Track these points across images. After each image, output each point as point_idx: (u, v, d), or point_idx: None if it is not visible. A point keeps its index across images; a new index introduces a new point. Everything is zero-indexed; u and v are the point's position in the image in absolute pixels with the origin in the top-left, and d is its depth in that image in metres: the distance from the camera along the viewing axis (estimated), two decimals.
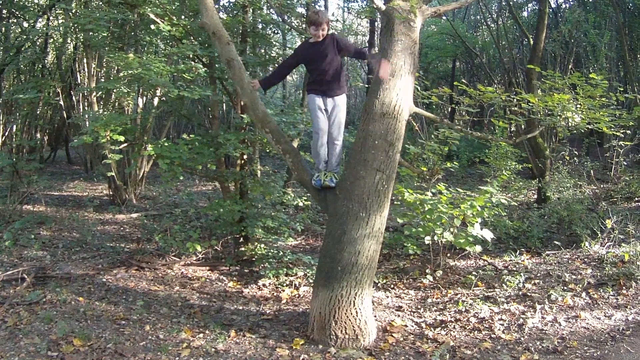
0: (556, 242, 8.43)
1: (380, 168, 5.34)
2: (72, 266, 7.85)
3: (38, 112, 15.56)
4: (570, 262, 7.81)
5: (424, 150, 7.80)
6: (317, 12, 5.83)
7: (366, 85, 17.03)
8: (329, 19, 5.80)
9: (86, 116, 10.69)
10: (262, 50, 9.66)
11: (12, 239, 8.56)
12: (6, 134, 14.30)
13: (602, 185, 12.29)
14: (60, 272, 7.48)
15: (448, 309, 6.44)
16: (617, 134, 7.61)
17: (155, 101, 12.28)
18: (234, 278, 7.76)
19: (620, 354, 5.16)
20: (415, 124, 8.26)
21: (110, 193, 12.47)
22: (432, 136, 8.16)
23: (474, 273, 7.43)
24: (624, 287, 6.69)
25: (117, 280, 7.36)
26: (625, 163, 12.46)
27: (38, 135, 16.74)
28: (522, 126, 10.21)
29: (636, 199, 11.06)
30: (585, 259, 7.82)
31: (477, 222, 7.11)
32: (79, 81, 13.71)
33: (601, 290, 6.68)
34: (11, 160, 11.13)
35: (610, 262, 7.42)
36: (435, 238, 7.25)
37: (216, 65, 8.12)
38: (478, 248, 7.12)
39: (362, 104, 6.73)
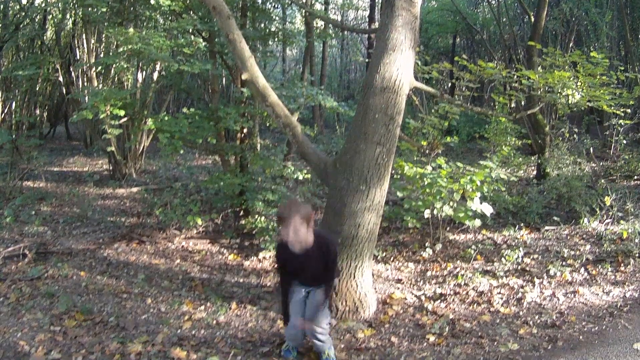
0: (555, 218, 8.46)
1: (381, 142, 5.34)
2: (73, 241, 7.89)
3: (37, 89, 15.52)
4: (569, 238, 7.87)
5: (424, 124, 7.79)
6: (289, 203, 4.62)
7: (366, 60, 16.97)
8: (309, 211, 4.34)
9: (85, 91, 10.66)
10: (262, 25, 9.61)
11: (13, 215, 8.59)
12: (5, 110, 14.28)
13: (601, 163, 12.31)
14: (62, 247, 7.51)
15: (447, 282, 6.50)
16: (617, 112, 7.61)
17: (155, 76, 12.23)
18: (235, 251, 7.80)
19: (618, 329, 5.22)
20: (415, 99, 8.26)
21: (110, 168, 12.44)
22: (432, 111, 8.14)
23: (473, 247, 7.47)
24: (622, 264, 6.75)
25: (118, 254, 7.40)
26: (625, 141, 12.46)
27: (37, 111, 16.69)
28: (522, 102, 10.20)
29: (635, 177, 11.07)
30: (584, 236, 7.87)
31: (476, 196, 7.13)
32: (78, 57, 13.66)
33: (599, 267, 6.74)
34: (11, 136, 11.11)
35: (608, 239, 7.47)
36: (435, 212, 7.27)
37: (216, 40, 8.07)
38: (477, 222, 7.14)
39: (362, 79, 6.50)
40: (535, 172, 11.86)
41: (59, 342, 4.90)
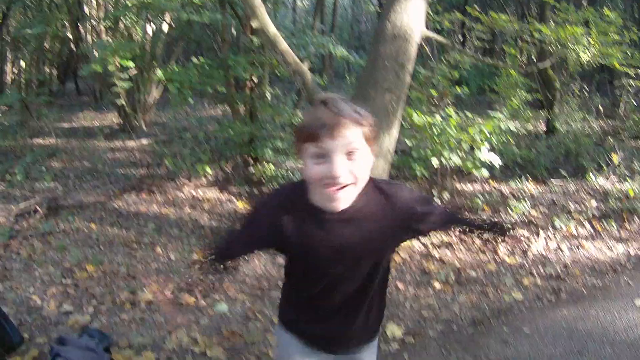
0: (562, 172, 8.46)
1: (391, 89, 5.32)
2: (83, 194, 7.92)
3: (46, 46, 15.47)
4: (575, 193, 7.90)
5: (434, 73, 7.74)
6: (329, 100, 1.90)
7: (377, 10, 16.77)
8: (371, 120, 1.94)
9: (94, 46, 10.65)
10: None
11: (24, 172, 8.63)
12: (15, 70, 14.28)
13: (609, 122, 12.25)
14: (72, 201, 7.54)
15: (454, 231, 6.50)
16: (629, 71, 7.58)
17: (165, 27, 12.17)
18: (244, 199, 7.79)
19: (621, 285, 5.29)
20: (426, 47, 8.19)
21: (120, 121, 12.47)
22: (443, 59, 8.10)
23: (480, 197, 7.50)
24: (627, 222, 6.80)
25: (128, 205, 7.46)
26: (634, 102, 12.37)
27: (46, 69, 16.68)
28: (534, 58, 10.13)
29: None
30: (590, 191, 7.91)
31: (485, 146, 7.12)
32: (87, 12, 13.59)
33: (604, 223, 6.78)
34: (20, 95, 11.14)
35: (614, 197, 7.49)
36: (443, 161, 7.27)
37: None
38: (485, 172, 7.15)
39: (373, 30, 6.38)
40: (543, 127, 11.83)
41: (70, 294, 4.99)
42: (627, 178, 8.08)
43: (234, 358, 4.15)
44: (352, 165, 1.85)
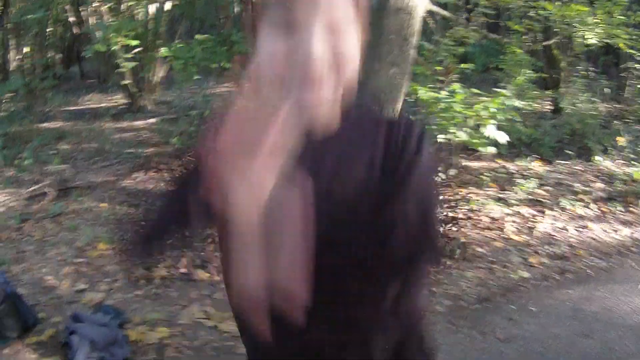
0: (568, 152, 8.46)
1: (395, 62, 5.30)
2: (92, 175, 7.96)
3: (48, 31, 15.40)
4: (580, 173, 7.88)
5: (439, 47, 7.72)
6: None
7: None
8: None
9: (96, 27, 10.60)
10: None
11: (32, 156, 8.61)
12: (19, 57, 14.23)
13: (615, 105, 12.21)
14: (82, 182, 7.59)
15: (460, 207, 6.55)
16: (634, 54, 7.56)
17: (167, 5, 12.09)
18: None
19: (625, 268, 5.31)
20: (430, 22, 8.16)
21: (126, 101, 12.45)
22: (447, 34, 8.07)
23: (486, 174, 7.52)
24: (632, 205, 6.78)
25: (136, 184, 7.48)
26: None
27: (50, 53, 16.61)
28: (537, 37, 10.10)
29: None
30: (596, 173, 7.89)
31: (490, 123, 7.12)
32: None
33: (610, 205, 6.76)
34: (24, 80, 11.12)
35: (620, 179, 7.50)
36: (449, 137, 7.28)
37: None
38: (491, 149, 7.16)
39: (376, 4, 6.33)
40: (549, 107, 11.81)
41: (83, 273, 5.04)
42: (633, 161, 8.08)
43: None
44: (335, 44, 1.11)
